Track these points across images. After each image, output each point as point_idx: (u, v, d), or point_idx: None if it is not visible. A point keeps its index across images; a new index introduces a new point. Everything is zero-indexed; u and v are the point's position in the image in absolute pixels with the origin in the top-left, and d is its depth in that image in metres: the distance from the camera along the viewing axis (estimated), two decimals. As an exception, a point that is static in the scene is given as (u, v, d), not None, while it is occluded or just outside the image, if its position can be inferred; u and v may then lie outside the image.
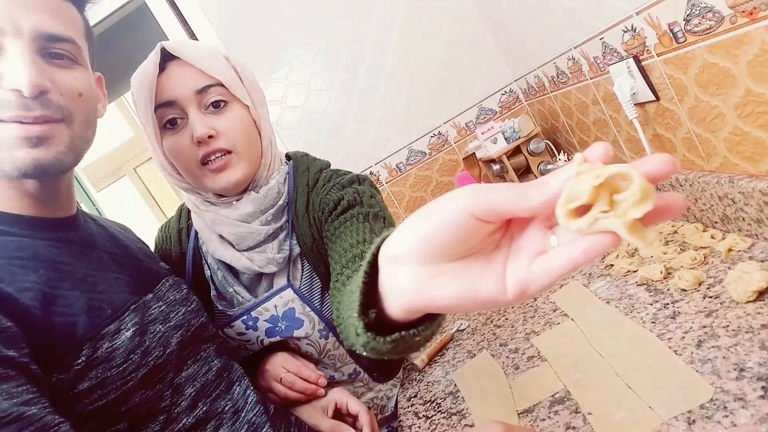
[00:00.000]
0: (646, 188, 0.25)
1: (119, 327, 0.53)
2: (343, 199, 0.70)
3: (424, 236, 0.31)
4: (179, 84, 0.67)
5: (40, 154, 0.50)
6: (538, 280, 0.29)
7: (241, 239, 0.72)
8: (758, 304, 0.58)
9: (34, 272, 0.50)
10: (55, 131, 0.51)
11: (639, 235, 0.25)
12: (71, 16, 0.56)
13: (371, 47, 1.54)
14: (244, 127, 0.70)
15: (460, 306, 0.31)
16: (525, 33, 1.30)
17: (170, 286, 0.66)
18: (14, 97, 0.48)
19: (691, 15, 0.67)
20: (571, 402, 0.62)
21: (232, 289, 0.75)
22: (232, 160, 0.69)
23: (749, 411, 0.46)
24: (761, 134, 0.66)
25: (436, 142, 1.60)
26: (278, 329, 0.75)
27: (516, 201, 0.28)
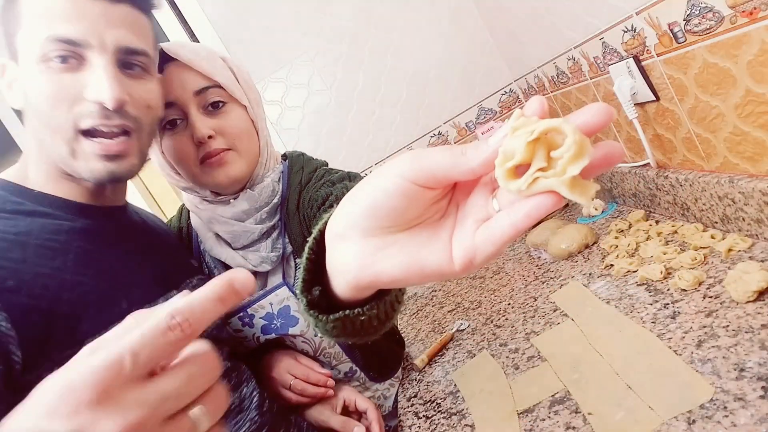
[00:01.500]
0: (581, 142, 0.24)
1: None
2: (332, 194, 0.71)
3: (365, 208, 0.29)
4: (178, 86, 0.68)
5: (115, 168, 0.54)
6: (483, 249, 0.27)
7: (236, 237, 0.73)
8: (758, 304, 0.58)
9: (63, 256, 0.51)
10: (129, 146, 0.55)
11: (580, 191, 0.24)
12: (145, 28, 0.59)
13: (371, 47, 1.54)
14: (242, 126, 0.71)
15: (407, 279, 0.30)
16: (525, 33, 1.30)
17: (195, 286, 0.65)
18: (96, 108, 0.52)
19: (691, 15, 0.67)
20: (571, 402, 0.62)
21: None
22: (230, 156, 0.70)
23: (749, 411, 0.46)
24: (761, 134, 0.66)
25: (436, 142, 1.60)
26: (274, 326, 0.75)
27: (454, 163, 0.27)
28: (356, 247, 0.31)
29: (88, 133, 0.53)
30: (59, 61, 0.52)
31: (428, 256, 0.29)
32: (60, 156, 0.54)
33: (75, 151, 0.54)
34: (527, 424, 0.63)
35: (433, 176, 0.27)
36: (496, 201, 0.28)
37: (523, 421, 0.64)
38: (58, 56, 0.52)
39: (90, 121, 0.53)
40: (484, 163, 0.26)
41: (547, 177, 0.24)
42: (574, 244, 1.00)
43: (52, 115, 0.52)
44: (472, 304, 1.09)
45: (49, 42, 0.51)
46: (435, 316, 1.15)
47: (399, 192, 0.28)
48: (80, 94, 0.53)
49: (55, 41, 0.51)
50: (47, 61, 0.52)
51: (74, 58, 0.52)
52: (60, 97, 0.52)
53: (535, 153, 0.25)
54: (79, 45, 0.52)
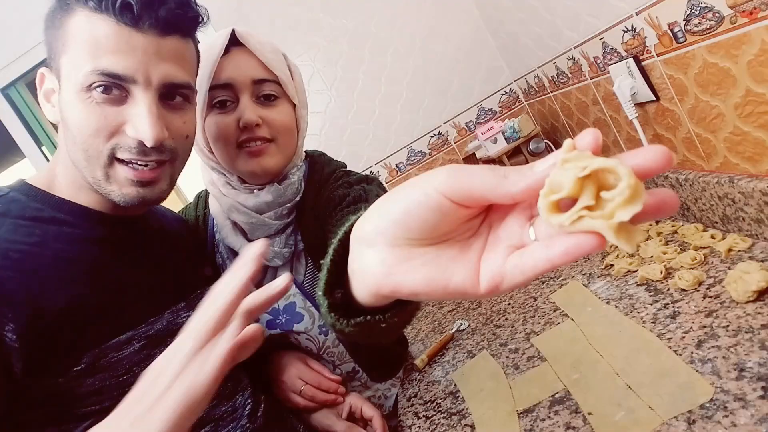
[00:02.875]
0: (636, 186, 0.22)
1: (132, 337, 0.53)
2: (349, 195, 0.71)
3: (396, 216, 0.29)
4: (240, 70, 0.69)
5: (146, 193, 0.55)
6: (512, 277, 0.27)
7: (253, 229, 0.74)
8: (758, 304, 0.58)
9: (74, 266, 0.52)
10: (162, 174, 0.56)
11: (626, 238, 0.23)
12: (191, 57, 0.58)
13: (371, 47, 1.54)
14: (287, 122, 0.73)
15: (428, 294, 0.29)
16: (525, 33, 1.30)
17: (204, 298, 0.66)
18: (135, 144, 0.53)
19: (691, 15, 0.67)
20: (571, 402, 0.62)
21: None
22: (270, 149, 0.71)
23: (749, 411, 0.46)
24: (761, 134, 0.66)
25: (436, 142, 1.60)
26: (278, 322, 0.75)
27: (495, 186, 0.26)
28: (381, 255, 0.30)
29: (122, 161, 0.54)
30: (102, 92, 0.51)
31: (453, 274, 0.28)
32: (93, 178, 0.55)
33: (109, 176, 0.54)
34: (527, 424, 0.63)
35: (470, 195, 0.27)
36: (533, 230, 0.27)
37: (523, 421, 0.64)
38: (101, 88, 0.51)
39: (128, 154, 0.53)
40: (526, 190, 0.25)
41: (593, 218, 0.23)
42: (574, 244, 1.00)
43: (90, 142, 0.52)
44: (472, 304, 1.09)
45: (94, 75, 0.51)
46: (435, 316, 1.15)
47: (433, 206, 0.27)
48: (120, 127, 0.53)
49: (100, 74, 0.51)
50: (90, 90, 0.51)
51: (118, 91, 0.52)
52: (100, 128, 0.52)
53: (584, 189, 0.24)
54: (125, 80, 0.52)
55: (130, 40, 0.51)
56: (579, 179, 0.23)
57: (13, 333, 0.44)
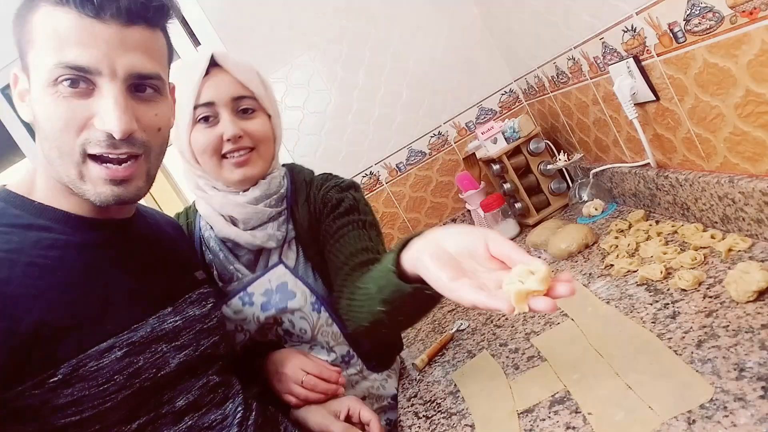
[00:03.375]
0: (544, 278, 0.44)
1: (113, 345, 0.52)
2: (344, 201, 0.83)
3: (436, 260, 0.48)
4: (220, 90, 0.77)
5: (121, 192, 0.54)
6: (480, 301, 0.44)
7: (248, 219, 0.80)
8: (758, 304, 0.58)
9: (52, 274, 0.50)
10: (137, 171, 0.55)
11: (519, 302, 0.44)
12: (160, 47, 0.58)
13: (371, 47, 1.54)
14: (265, 132, 0.81)
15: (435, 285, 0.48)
16: (525, 33, 1.30)
17: (193, 301, 0.65)
18: (105, 137, 0.52)
19: (691, 15, 0.67)
20: (571, 402, 0.62)
21: (232, 267, 0.82)
22: (252, 157, 0.80)
23: (749, 411, 0.46)
24: (761, 134, 0.66)
25: (436, 142, 1.60)
26: (273, 302, 0.80)
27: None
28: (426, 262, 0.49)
29: (95, 157, 0.53)
30: (68, 86, 0.51)
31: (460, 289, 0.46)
32: (68, 177, 0.54)
33: (83, 174, 0.53)
34: (527, 424, 0.63)
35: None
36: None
37: (523, 421, 0.64)
38: (68, 81, 0.50)
39: (98, 148, 0.52)
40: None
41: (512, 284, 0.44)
42: (574, 244, 1.00)
43: (61, 138, 0.52)
44: (472, 304, 1.09)
45: (59, 68, 0.50)
46: (435, 316, 1.15)
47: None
48: (89, 120, 0.52)
49: (65, 68, 0.50)
50: (56, 85, 0.51)
51: (84, 84, 0.51)
52: (69, 122, 0.51)
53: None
54: (90, 72, 0.51)
55: (92, 31, 0.50)
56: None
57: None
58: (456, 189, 1.61)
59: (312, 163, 1.57)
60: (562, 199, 1.38)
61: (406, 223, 1.62)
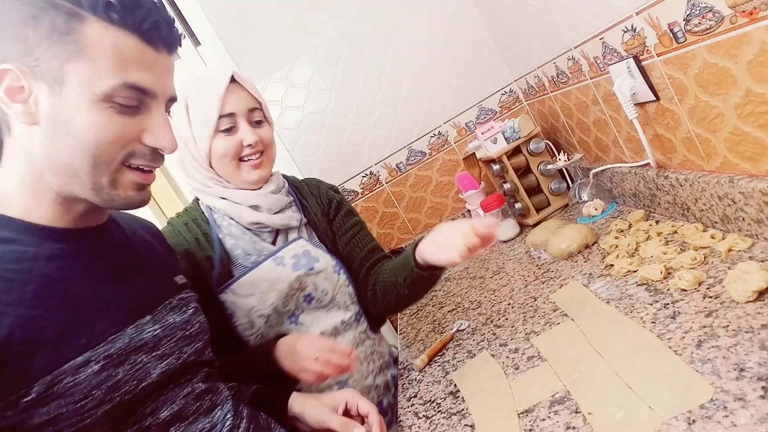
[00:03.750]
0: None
1: (89, 359, 0.50)
2: (342, 202, 1.05)
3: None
4: (240, 102, 0.90)
5: (144, 196, 0.60)
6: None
7: (273, 204, 0.94)
8: (758, 304, 0.58)
9: (21, 287, 0.49)
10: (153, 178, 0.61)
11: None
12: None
13: (371, 47, 1.54)
14: (271, 138, 0.95)
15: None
16: (525, 33, 1.30)
17: (173, 307, 0.64)
18: (150, 152, 0.58)
19: (691, 15, 0.67)
20: (571, 402, 0.62)
21: (260, 246, 0.93)
22: (264, 160, 0.93)
23: (749, 411, 0.46)
24: (761, 134, 0.66)
25: (436, 142, 1.60)
26: (301, 263, 0.93)
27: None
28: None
29: (131, 166, 0.57)
30: (123, 102, 0.54)
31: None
32: (94, 185, 0.55)
33: (116, 181, 0.56)
34: (527, 424, 0.63)
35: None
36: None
37: (523, 421, 0.64)
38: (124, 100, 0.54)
39: (142, 161, 0.57)
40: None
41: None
42: (574, 244, 1.00)
43: (105, 149, 0.54)
44: (472, 304, 1.09)
45: (123, 88, 0.53)
46: (435, 316, 1.15)
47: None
48: (137, 136, 0.56)
49: (129, 88, 0.54)
50: (110, 101, 0.53)
51: (136, 103, 0.56)
52: (120, 136, 0.55)
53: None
54: (148, 94, 0.56)
55: (151, 57, 0.56)
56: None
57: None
58: (456, 189, 1.61)
59: (312, 163, 1.58)
60: (562, 199, 1.38)
61: (406, 223, 1.63)
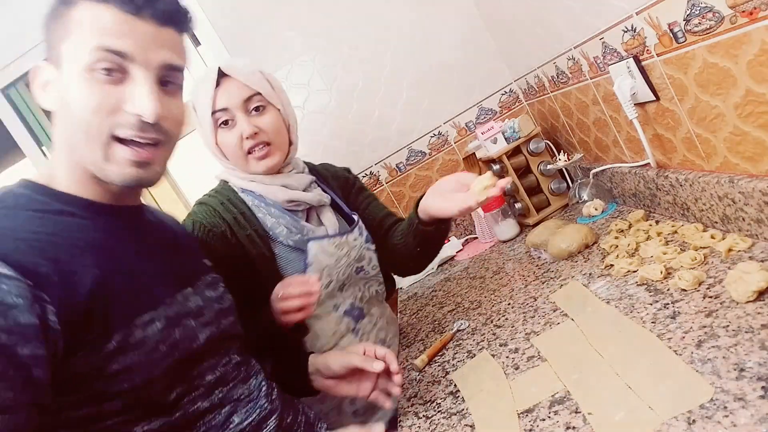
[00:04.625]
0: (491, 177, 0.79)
1: (153, 317, 0.56)
2: (356, 180, 1.13)
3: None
4: (231, 96, 0.89)
5: (143, 174, 0.59)
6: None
7: (301, 183, 0.97)
8: (758, 304, 0.58)
9: (91, 255, 0.54)
10: (158, 155, 0.60)
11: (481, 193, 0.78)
12: (185, 49, 0.64)
13: (371, 47, 1.54)
14: (277, 125, 0.93)
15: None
16: (525, 33, 1.30)
17: (209, 284, 0.70)
18: (135, 120, 0.56)
19: (691, 15, 0.67)
20: (571, 402, 0.62)
21: (300, 223, 0.95)
22: (271, 150, 0.92)
23: (749, 411, 0.46)
24: (761, 134, 0.66)
25: (436, 142, 1.60)
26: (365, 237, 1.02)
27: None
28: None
29: (122, 140, 0.57)
30: (104, 73, 0.55)
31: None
32: (92, 159, 0.57)
33: (108, 156, 0.57)
34: (527, 424, 0.63)
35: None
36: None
37: (523, 421, 0.64)
38: (104, 67, 0.55)
39: (127, 131, 0.56)
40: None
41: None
42: (574, 244, 1.00)
43: (91, 121, 0.55)
44: (472, 304, 1.09)
45: (98, 51, 0.54)
46: (435, 316, 1.15)
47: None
48: (120, 105, 0.56)
49: (104, 51, 0.54)
50: (93, 71, 0.55)
51: (119, 71, 0.56)
52: (101, 105, 0.55)
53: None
54: (126, 58, 0.55)
55: (131, 24, 0.56)
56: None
57: (54, 316, 0.47)
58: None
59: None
60: (562, 199, 1.38)
61: (406, 223, 1.63)
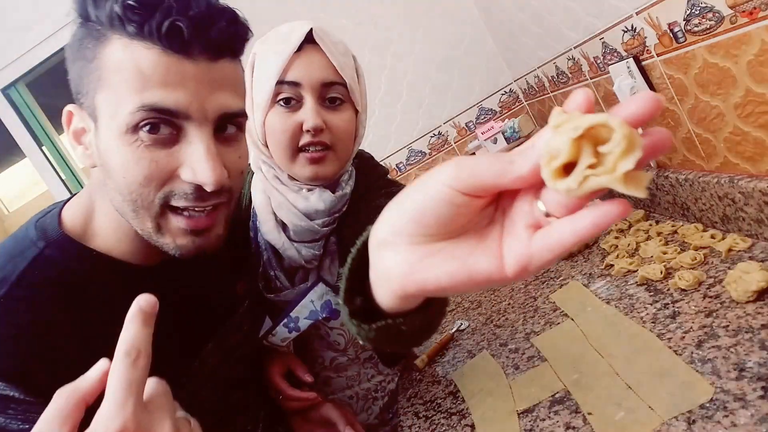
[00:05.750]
0: (630, 136, 0.22)
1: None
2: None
3: (411, 215, 0.29)
4: (311, 71, 0.67)
5: (202, 242, 0.50)
6: (540, 257, 0.26)
7: (300, 232, 0.73)
8: (758, 304, 0.58)
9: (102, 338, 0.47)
10: (218, 218, 0.50)
11: (635, 185, 0.23)
12: (241, 79, 0.52)
13: (371, 47, 1.54)
14: (349, 128, 0.72)
15: (454, 287, 0.29)
16: (525, 33, 1.30)
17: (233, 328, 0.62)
18: (192, 190, 0.47)
19: (691, 15, 0.67)
20: (571, 402, 0.62)
21: (273, 273, 0.76)
22: (329, 156, 0.70)
23: (749, 411, 0.46)
24: (761, 134, 0.66)
25: (436, 142, 1.60)
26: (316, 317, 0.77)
27: (503, 171, 0.26)
28: (401, 255, 0.30)
29: (176, 208, 0.48)
30: (149, 131, 0.45)
31: (477, 263, 0.28)
32: (144, 230, 0.49)
33: (161, 227, 0.48)
34: (527, 424, 0.63)
35: (481, 186, 0.27)
36: (540, 202, 0.27)
37: (523, 421, 0.64)
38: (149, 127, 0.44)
39: (183, 201, 0.47)
40: (534, 169, 0.25)
41: (598, 175, 0.23)
42: (574, 244, 1.00)
43: (140, 192, 0.46)
44: (472, 304, 1.09)
45: (142, 111, 0.44)
46: (435, 316, 1.15)
47: (446, 200, 0.27)
48: (174, 171, 0.46)
49: (149, 110, 0.44)
50: (136, 132, 0.45)
51: (168, 129, 0.45)
52: (152, 175, 0.46)
53: (582, 149, 0.24)
54: (177, 116, 0.45)
55: (179, 69, 0.44)
56: (574, 140, 0.23)
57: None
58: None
59: (312, 163, 1.58)
60: (562, 199, 1.37)
61: (406, 223, 1.63)
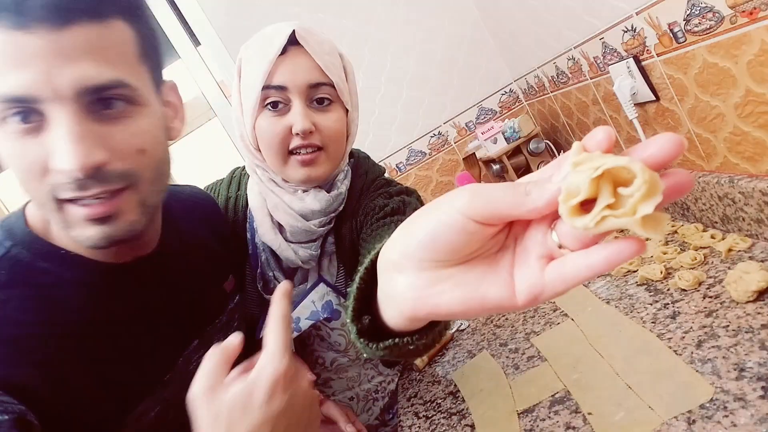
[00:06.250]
0: (651, 180, 0.22)
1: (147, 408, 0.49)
2: (387, 206, 0.71)
3: (422, 240, 0.29)
4: (296, 73, 0.67)
5: (110, 230, 0.45)
6: (552, 288, 0.27)
7: (296, 233, 0.73)
8: (758, 304, 0.58)
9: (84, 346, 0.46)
10: (121, 204, 0.45)
11: (653, 227, 0.23)
12: (120, 43, 0.44)
13: (371, 47, 1.54)
14: (339, 129, 0.71)
15: (465, 313, 0.30)
16: (525, 33, 1.30)
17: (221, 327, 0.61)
18: (68, 179, 0.41)
19: (691, 15, 0.67)
20: (571, 402, 0.62)
21: (271, 273, 0.76)
22: (320, 157, 0.70)
23: (749, 411, 0.46)
24: (761, 134, 0.66)
25: (436, 142, 1.60)
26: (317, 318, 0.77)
27: (519, 204, 0.26)
28: (411, 279, 0.30)
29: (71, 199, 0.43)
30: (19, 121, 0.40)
31: (488, 290, 0.28)
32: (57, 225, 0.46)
33: (66, 221, 0.44)
34: (527, 424, 0.63)
35: (496, 215, 0.27)
36: (555, 234, 0.27)
37: (523, 421, 0.64)
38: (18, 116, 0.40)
39: (68, 192, 0.42)
40: (551, 203, 0.25)
41: (617, 216, 0.23)
42: (574, 244, 1.00)
43: (29, 188, 0.43)
44: (472, 304, 1.09)
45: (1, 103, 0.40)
46: (435, 316, 1.15)
47: (459, 228, 0.27)
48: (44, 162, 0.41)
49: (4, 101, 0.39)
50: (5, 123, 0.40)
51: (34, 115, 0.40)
52: (28, 167, 0.41)
53: (600, 188, 0.24)
54: (29, 101, 0.39)
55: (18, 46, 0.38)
56: (594, 180, 0.24)
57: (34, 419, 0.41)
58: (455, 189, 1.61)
59: (312, 163, 1.58)
60: (562, 199, 1.37)
61: (406, 223, 1.63)
